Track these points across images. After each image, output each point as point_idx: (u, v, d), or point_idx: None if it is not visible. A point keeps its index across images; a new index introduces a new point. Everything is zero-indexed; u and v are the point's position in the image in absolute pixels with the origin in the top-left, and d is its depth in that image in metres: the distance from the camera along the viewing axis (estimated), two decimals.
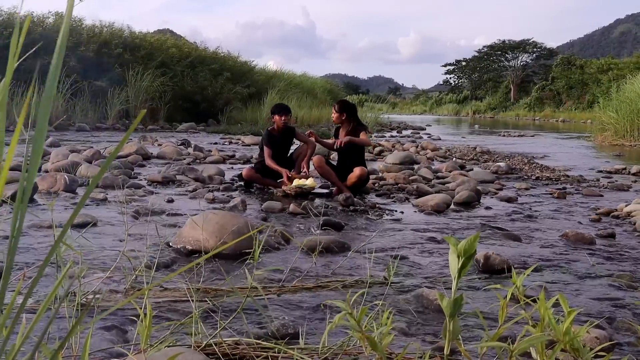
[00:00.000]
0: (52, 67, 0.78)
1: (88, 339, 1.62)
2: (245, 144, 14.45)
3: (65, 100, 17.74)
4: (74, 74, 18.20)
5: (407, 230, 4.97)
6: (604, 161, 12.18)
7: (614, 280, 3.57)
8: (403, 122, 32.13)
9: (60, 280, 1.28)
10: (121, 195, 5.76)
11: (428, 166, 9.26)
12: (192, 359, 1.90)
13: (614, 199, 6.96)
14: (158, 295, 3.03)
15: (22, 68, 13.98)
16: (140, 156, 9.63)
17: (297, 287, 3.18)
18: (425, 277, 3.52)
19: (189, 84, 23.57)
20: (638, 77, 18.16)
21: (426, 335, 2.61)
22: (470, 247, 1.63)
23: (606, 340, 2.46)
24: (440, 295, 1.62)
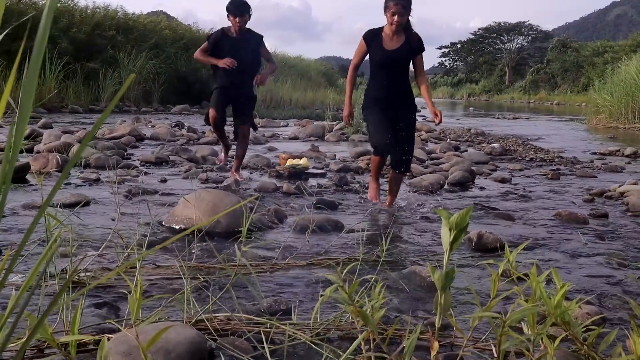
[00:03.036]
0: (36, 44, 0.76)
1: (78, 311, 1.62)
2: None
3: (57, 82, 17.62)
4: (67, 55, 18.06)
5: (401, 209, 4.97)
6: (598, 143, 12.19)
7: (606, 258, 3.58)
8: None
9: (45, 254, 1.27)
10: (114, 176, 5.73)
11: (422, 147, 9.24)
12: (184, 332, 1.89)
13: (607, 180, 6.97)
14: (150, 273, 3.02)
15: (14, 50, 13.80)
16: (133, 137, 9.58)
17: (290, 265, 3.17)
18: (418, 255, 3.53)
19: (183, 66, 23.43)
20: (633, 59, 18.13)
21: (418, 311, 2.61)
22: (462, 220, 1.63)
23: (598, 316, 2.47)
24: (432, 269, 1.62)
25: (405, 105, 5.02)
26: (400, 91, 5.03)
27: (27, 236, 0.91)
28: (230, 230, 3.86)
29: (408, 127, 5.00)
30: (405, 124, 4.97)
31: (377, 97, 5.01)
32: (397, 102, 4.99)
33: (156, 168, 6.99)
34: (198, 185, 5.73)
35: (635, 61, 17.52)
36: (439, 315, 1.61)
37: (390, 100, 4.98)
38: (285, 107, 23.50)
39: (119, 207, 3.82)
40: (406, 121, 4.99)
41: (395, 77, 4.99)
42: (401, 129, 4.94)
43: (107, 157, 6.88)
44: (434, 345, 1.56)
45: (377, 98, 5.01)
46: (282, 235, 3.92)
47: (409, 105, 5.05)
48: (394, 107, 4.96)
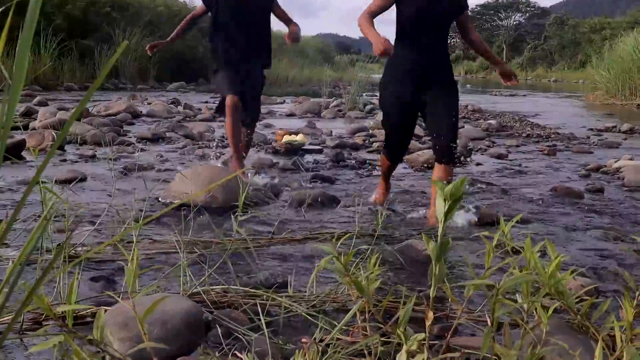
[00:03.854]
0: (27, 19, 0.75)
1: (74, 281, 1.62)
2: None
3: (52, 60, 17.51)
4: (61, 32, 17.93)
5: (397, 185, 4.98)
6: (594, 120, 12.18)
7: (601, 232, 3.59)
8: None
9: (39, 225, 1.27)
10: (110, 152, 5.73)
11: (418, 124, 9.22)
12: (180, 304, 1.90)
13: (603, 156, 6.97)
14: (147, 248, 3.03)
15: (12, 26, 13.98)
16: (129, 114, 9.55)
17: (287, 239, 3.18)
18: (414, 230, 3.54)
19: (178, 43, 23.28)
20: (630, 35, 18.06)
21: (414, 283, 2.63)
22: (457, 190, 1.63)
23: (592, 291, 2.48)
24: (426, 239, 1.62)
25: (444, 81, 3.82)
26: (438, 63, 3.79)
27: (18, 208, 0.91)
28: (226, 206, 3.86)
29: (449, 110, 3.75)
30: (446, 107, 3.75)
31: (406, 71, 3.76)
32: (434, 78, 3.76)
33: (152, 144, 6.98)
34: (194, 161, 5.72)
35: (633, 38, 17.45)
36: (434, 286, 1.62)
37: (424, 76, 3.74)
38: (282, 84, 23.41)
39: (115, 183, 3.83)
40: (447, 102, 3.76)
41: (433, 42, 3.76)
42: (441, 113, 3.73)
43: (103, 134, 6.86)
44: (428, 315, 1.57)
45: (406, 72, 3.76)
46: (279, 210, 3.93)
47: (448, 80, 3.86)
48: (429, 84, 3.74)
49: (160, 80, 21.79)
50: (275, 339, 1.94)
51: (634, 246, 3.27)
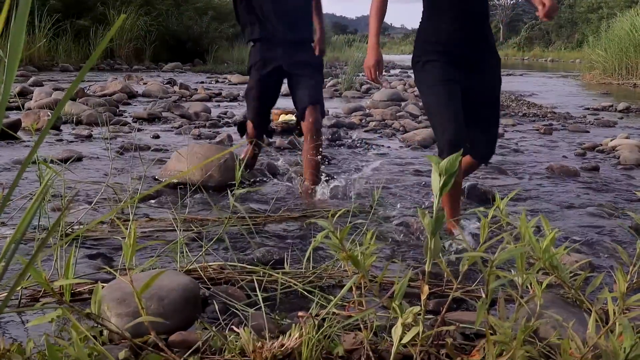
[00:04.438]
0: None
1: (71, 256, 1.63)
2: (232, 82, 14.32)
3: (47, 40, 17.40)
4: (56, 12, 17.80)
5: (394, 163, 4.99)
6: (591, 99, 12.18)
7: (596, 209, 3.61)
8: (391, 61, 31.82)
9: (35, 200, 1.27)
10: (106, 132, 5.72)
11: (415, 103, 9.22)
12: (177, 279, 1.91)
13: (599, 135, 6.98)
14: (144, 225, 3.04)
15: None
16: (125, 94, 9.52)
17: (283, 217, 3.19)
18: (410, 207, 3.55)
19: (174, 23, 23.16)
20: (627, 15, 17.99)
21: (410, 259, 2.65)
22: (452, 165, 1.63)
23: (586, 263, 2.50)
24: (422, 213, 1.63)
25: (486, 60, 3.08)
26: (478, 37, 3.03)
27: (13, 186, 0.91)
28: (222, 184, 3.86)
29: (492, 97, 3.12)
30: (488, 92, 3.09)
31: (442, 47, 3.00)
32: (474, 56, 3.02)
33: (148, 124, 6.97)
34: (190, 141, 5.72)
35: (630, 17, 17.39)
36: (429, 260, 1.63)
37: (462, 54, 3.00)
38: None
39: (111, 162, 3.83)
40: (490, 86, 3.10)
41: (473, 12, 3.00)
42: (483, 100, 3.07)
43: (99, 114, 6.84)
44: (424, 289, 1.58)
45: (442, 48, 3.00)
46: (275, 188, 3.93)
47: (491, 60, 3.11)
48: (469, 63, 3.01)
49: (156, 61, 21.68)
50: (271, 314, 1.95)
51: (629, 222, 3.29)
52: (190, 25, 23.32)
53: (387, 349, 1.66)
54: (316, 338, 1.57)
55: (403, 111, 8.23)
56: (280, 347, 1.59)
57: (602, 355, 1.39)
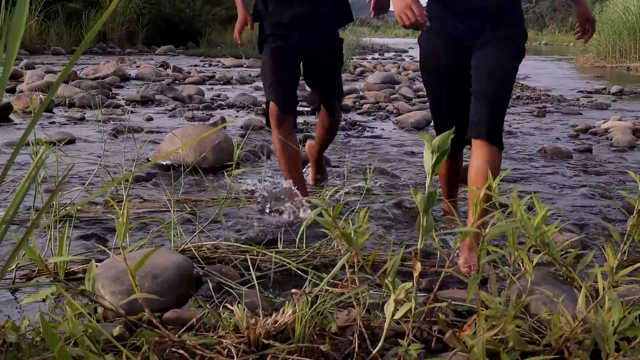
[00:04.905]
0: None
1: (65, 235, 1.63)
2: (226, 65, 14.26)
3: (38, 23, 17.27)
4: None
5: (387, 145, 5.00)
6: (584, 82, 12.18)
7: (589, 190, 3.63)
8: (385, 44, 31.72)
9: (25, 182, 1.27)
10: (99, 114, 5.69)
11: (409, 85, 9.22)
12: (171, 258, 1.92)
13: (592, 117, 6.99)
14: (138, 207, 3.04)
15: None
16: (118, 77, 9.47)
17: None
18: (403, 187, 3.56)
19: (167, 6, 22.98)
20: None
21: (403, 238, 2.66)
22: (444, 142, 1.63)
23: (577, 242, 2.52)
24: (414, 191, 1.63)
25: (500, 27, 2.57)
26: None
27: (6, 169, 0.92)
28: (217, 166, 3.87)
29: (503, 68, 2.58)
30: (498, 62, 2.55)
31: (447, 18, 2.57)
32: (487, 25, 2.54)
33: (142, 107, 6.95)
34: (184, 123, 5.71)
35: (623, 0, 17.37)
36: (421, 237, 1.64)
37: (471, 26, 2.54)
38: None
39: (104, 144, 3.82)
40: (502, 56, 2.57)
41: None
42: (490, 71, 2.54)
43: (92, 97, 6.82)
44: (416, 266, 1.59)
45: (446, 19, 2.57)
46: (269, 169, 3.93)
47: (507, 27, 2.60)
48: (480, 32, 2.54)
49: (148, 44, 21.54)
50: (265, 293, 1.96)
51: (620, 203, 3.31)
52: (182, 8, 23.14)
53: (380, 325, 1.68)
54: (309, 315, 1.58)
55: (397, 94, 8.22)
56: (273, 324, 1.60)
57: (591, 330, 1.41)
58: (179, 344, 1.56)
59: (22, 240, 1.18)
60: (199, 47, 21.51)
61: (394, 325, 1.68)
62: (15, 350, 1.41)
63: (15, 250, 1.12)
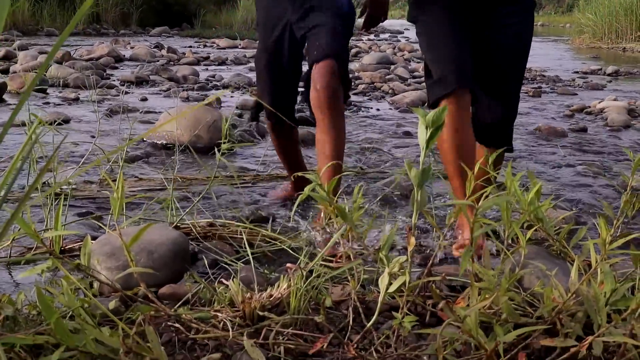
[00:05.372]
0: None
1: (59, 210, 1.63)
2: (220, 47, 14.19)
3: (31, 5, 17.14)
4: None
5: (383, 125, 4.99)
6: (580, 62, 12.16)
7: (583, 169, 3.64)
8: (381, 26, 31.60)
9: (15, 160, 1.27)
10: (93, 95, 5.67)
11: (405, 66, 9.19)
12: (166, 234, 1.93)
13: (588, 97, 6.99)
14: (133, 185, 3.04)
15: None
16: (112, 58, 9.42)
17: (272, 176, 3.20)
18: (399, 167, 3.57)
19: None
20: None
21: (398, 215, 2.67)
22: (439, 118, 1.63)
23: (571, 218, 2.53)
24: (408, 165, 1.64)
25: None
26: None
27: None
28: (211, 145, 3.86)
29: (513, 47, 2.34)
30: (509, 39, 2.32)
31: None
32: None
33: (136, 87, 6.92)
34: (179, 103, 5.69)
35: None
36: (416, 212, 1.64)
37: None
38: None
39: (99, 124, 3.81)
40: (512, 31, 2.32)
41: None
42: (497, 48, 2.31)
43: (86, 77, 6.79)
44: (410, 241, 1.60)
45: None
46: (264, 149, 3.93)
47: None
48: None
49: (143, 25, 21.40)
50: (260, 269, 1.97)
51: (615, 181, 3.32)
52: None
53: (375, 299, 1.69)
54: (304, 289, 1.59)
55: (392, 74, 8.21)
56: (268, 298, 1.61)
57: (583, 302, 1.42)
58: (174, 317, 1.56)
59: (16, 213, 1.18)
60: (193, 28, 21.39)
61: (389, 299, 1.69)
62: (11, 323, 1.41)
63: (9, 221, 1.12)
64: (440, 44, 2.25)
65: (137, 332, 1.32)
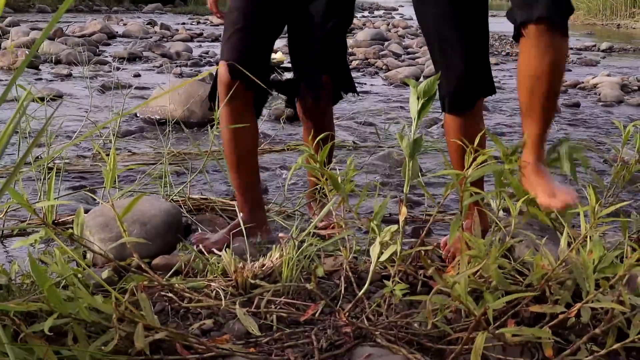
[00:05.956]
0: None
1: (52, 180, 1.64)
2: (214, 24, 14.09)
3: None
4: None
5: (376, 100, 4.99)
6: (574, 39, 12.12)
7: (575, 143, 3.65)
8: (375, 2, 31.39)
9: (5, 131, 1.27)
10: (86, 71, 5.64)
11: (399, 42, 9.16)
12: (159, 205, 1.93)
13: (581, 73, 6.98)
14: (126, 159, 3.04)
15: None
16: (104, 35, 9.35)
17: (265, 150, 3.21)
18: (393, 141, 3.57)
19: None
20: None
21: (391, 188, 2.68)
22: (430, 88, 1.64)
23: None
24: (399, 136, 1.64)
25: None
26: None
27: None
28: (204, 120, 3.85)
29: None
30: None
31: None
32: None
33: (129, 64, 6.87)
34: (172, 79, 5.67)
35: None
36: (407, 182, 1.65)
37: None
38: None
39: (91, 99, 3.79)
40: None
41: None
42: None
43: (79, 53, 6.74)
44: (402, 210, 1.60)
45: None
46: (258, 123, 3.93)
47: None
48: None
49: (135, 2, 21.22)
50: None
51: (607, 155, 3.34)
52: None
53: (367, 270, 1.70)
54: (296, 258, 1.60)
55: (386, 50, 8.18)
56: (261, 267, 1.63)
57: (572, 270, 1.43)
58: (167, 287, 1.58)
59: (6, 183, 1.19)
60: (186, 5, 21.21)
61: (381, 269, 1.70)
62: (5, 292, 1.42)
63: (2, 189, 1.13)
64: None
65: (130, 301, 1.33)
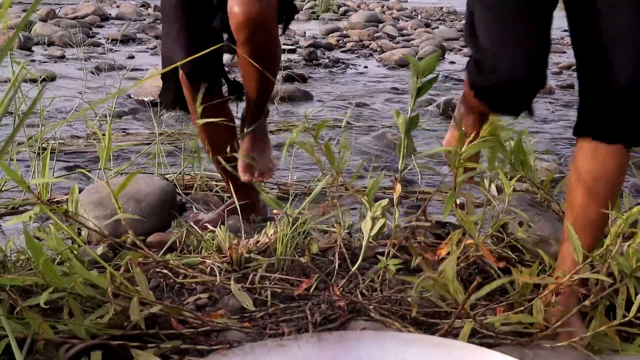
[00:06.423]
0: None
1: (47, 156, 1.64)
2: None
3: None
4: None
5: (371, 81, 4.98)
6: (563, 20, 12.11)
7: (569, 124, 3.66)
8: None
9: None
10: (80, 52, 5.61)
11: (393, 24, 9.13)
12: (154, 183, 1.94)
13: None
14: (120, 139, 3.04)
15: None
16: (97, 17, 9.28)
17: None
18: (386, 121, 3.57)
19: None
20: None
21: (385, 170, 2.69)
22: (429, 66, 1.64)
23: (556, 170, 2.56)
24: (395, 112, 1.65)
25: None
26: None
27: None
28: None
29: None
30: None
31: None
32: None
33: (123, 46, 6.84)
34: None
35: None
36: (402, 159, 1.66)
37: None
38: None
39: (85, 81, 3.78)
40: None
41: None
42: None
43: (72, 35, 6.70)
44: (396, 187, 1.61)
45: None
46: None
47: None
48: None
49: None
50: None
51: None
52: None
53: (360, 246, 1.71)
54: (290, 234, 1.61)
55: (381, 32, 8.16)
56: (255, 244, 1.63)
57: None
58: (162, 264, 1.58)
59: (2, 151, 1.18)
60: None
61: (375, 245, 1.71)
62: (0, 268, 1.43)
63: None
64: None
65: (125, 277, 1.33)
